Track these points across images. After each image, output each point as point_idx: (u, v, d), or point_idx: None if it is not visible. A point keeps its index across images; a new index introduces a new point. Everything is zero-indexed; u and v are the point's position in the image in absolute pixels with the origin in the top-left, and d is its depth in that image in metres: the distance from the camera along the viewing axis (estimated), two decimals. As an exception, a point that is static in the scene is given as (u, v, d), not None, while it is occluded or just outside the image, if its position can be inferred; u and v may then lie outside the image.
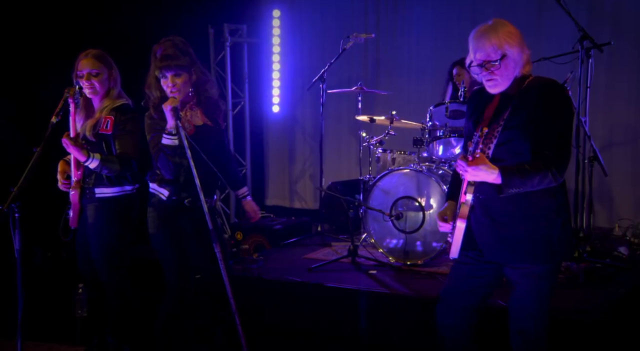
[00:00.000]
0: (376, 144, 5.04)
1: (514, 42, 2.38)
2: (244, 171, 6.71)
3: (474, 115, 2.55)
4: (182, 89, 3.07)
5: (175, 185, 3.14)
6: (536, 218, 2.42)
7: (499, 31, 2.37)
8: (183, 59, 3.04)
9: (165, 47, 3.05)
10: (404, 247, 4.51)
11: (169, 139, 3.02)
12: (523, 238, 2.42)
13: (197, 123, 3.19)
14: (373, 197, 4.69)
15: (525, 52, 2.42)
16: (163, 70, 3.03)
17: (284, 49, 6.58)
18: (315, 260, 4.71)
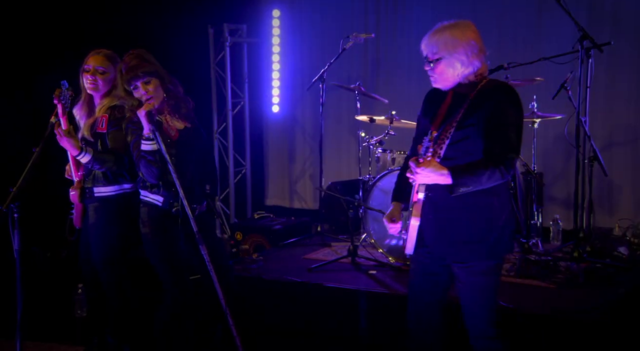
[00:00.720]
0: (376, 144, 5.03)
1: (458, 48, 2.51)
2: (243, 171, 6.71)
3: (430, 113, 2.65)
4: (155, 95, 3.09)
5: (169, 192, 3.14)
6: (479, 216, 2.51)
7: (445, 35, 2.54)
8: (148, 65, 3.07)
9: (129, 60, 3.08)
10: (403, 247, 4.48)
11: (147, 145, 3.03)
12: (466, 235, 2.52)
13: (179, 127, 3.20)
14: (373, 197, 4.69)
15: (478, 57, 2.52)
16: (132, 81, 3.06)
17: (284, 49, 6.57)
18: (315, 260, 4.70)
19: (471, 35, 2.54)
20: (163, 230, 3.19)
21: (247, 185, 6.68)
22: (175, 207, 3.16)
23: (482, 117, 2.43)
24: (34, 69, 5.08)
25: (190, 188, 3.14)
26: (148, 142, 3.02)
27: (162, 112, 3.17)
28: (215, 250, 3.21)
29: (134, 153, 3.11)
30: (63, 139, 3.16)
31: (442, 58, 2.53)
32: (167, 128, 3.15)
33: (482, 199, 2.47)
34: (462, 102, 2.50)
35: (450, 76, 2.54)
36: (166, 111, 3.18)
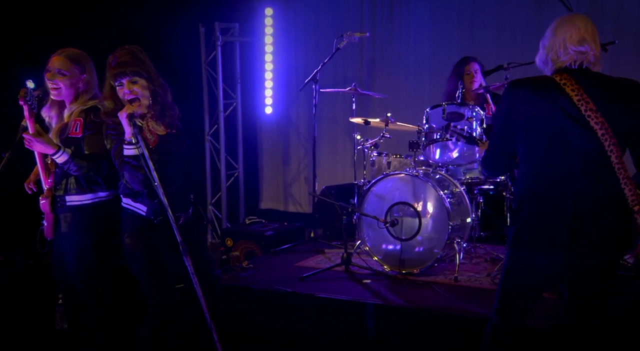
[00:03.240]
0: (371, 147, 4.85)
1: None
2: (236, 174, 6.53)
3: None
4: (142, 99, 2.91)
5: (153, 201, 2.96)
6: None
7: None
8: (138, 65, 2.88)
9: (120, 55, 2.90)
10: (399, 254, 4.32)
11: (130, 149, 2.84)
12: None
13: (161, 132, 3.01)
14: (367, 203, 4.51)
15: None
16: (118, 77, 2.88)
17: (277, 48, 6.39)
18: (307, 268, 4.52)
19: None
20: (146, 241, 3.01)
21: (239, 189, 6.51)
22: (159, 217, 2.98)
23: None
24: (11, 67, 4.89)
25: (174, 196, 2.96)
26: (130, 146, 2.83)
27: (145, 117, 2.99)
28: (200, 260, 3.04)
29: (117, 161, 2.93)
30: (33, 142, 2.98)
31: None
32: (146, 133, 2.97)
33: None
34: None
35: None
36: (149, 115, 3.00)
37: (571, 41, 2.43)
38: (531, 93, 2.45)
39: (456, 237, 4.28)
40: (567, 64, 2.45)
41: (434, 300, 3.80)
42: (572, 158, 2.39)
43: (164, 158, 2.96)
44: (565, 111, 2.38)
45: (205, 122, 6.33)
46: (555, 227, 2.39)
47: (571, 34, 2.43)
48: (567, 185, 2.38)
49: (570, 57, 2.43)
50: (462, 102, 4.31)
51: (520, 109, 2.44)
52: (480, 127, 4.37)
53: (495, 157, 2.62)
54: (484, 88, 4.64)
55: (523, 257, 2.51)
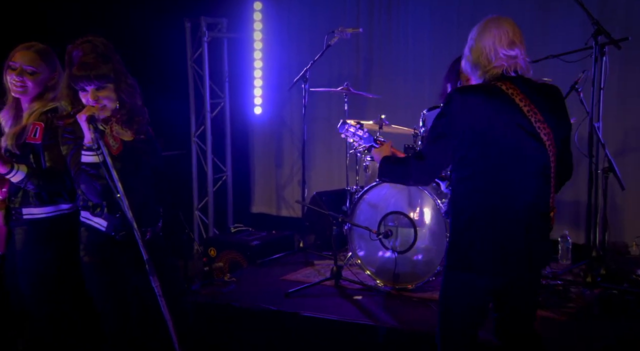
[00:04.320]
0: (364, 151, 4.51)
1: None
2: (224, 178, 6.19)
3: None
4: (107, 105, 2.58)
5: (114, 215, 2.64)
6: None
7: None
8: (106, 67, 2.53)
9: (84, 51, 2.53)
10: (393, 268, 3.99)
11: (88, 156, 2.51)
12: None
13: (127, 138, 2.67)
14: (359, 212, 4.18)
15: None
16: (81, 82, 2.53)
17: (268, 46, 6.06)
18: (294, 282, 4.20)
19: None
20: (107, 259, 2.69)
21: (228, 193, 6.17)
22: (121, 232, 2.65)
23: None
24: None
25: (140, 209, 2.64)
26: (89, 152, 2.51)
27: (109, 121, 2.66)
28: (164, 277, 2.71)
29: (73, 169, 2.59)
30: None
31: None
32: (109, 140, 2.63)
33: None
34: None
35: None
36: (114, 120, 2.66)
37: (501, 44, 2.29)
38: (484, 104, 2.25)
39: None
40: (503, 70, 2.28)
41: (430, 321, 3.47)
42: (527, 172, 2.27)
43: (130, 167, 2.65)
44: (520, 124, 2.24)
45: (192, 123, 6.00)
46: (512, 246, 2.28)
47: (500, 37, 2.29)
48: (521, 201, 2.27)
49: (501, 61, 2.28)
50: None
51: (473, 120, 2.24)
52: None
53: (427, 167, 2.37)
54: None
55: (471, 279, 2.32)
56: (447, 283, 2.41)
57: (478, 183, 2.27)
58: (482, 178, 2.27)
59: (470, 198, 2.30)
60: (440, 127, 2.30)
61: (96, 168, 2.51)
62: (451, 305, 2.40)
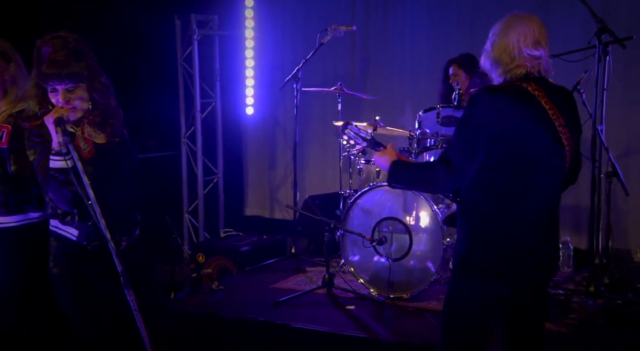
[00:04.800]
0: (358, 154, 4.35)
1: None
2: (215, 180, 6.02)
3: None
4: (79, 106, 2.41)
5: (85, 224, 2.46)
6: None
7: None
8: (78, 66, 2.35)
9: (55, 48, 2.34)
10: (387, 276, 3.82)
11: (57, 161, 2.33)
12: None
13: (100, 141, 2.50)
14: (352, 217, 4.01)
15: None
16: (51, 80, 2.35)
17: (260, 44, 5.88)
18: (284, 290, 4.03)
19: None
20: (77, 271, 2.52)
21: (219, 196, 6.00)
22: (94, 242, 2.48)
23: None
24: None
25: (114, 217, 2.47)
26: (58, 157, 2.33)
27: (80, 123, 2.49)
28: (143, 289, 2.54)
29: (40, 174, 2.41)
30: None
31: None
32: (79, 142, 2.46)
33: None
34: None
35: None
36: (86, 122, 2.49)
37: (526, 44, 2.15)
38: (514, 106, 2.10)
39: (451, 258, 3.77)
40: (527, 71, 2.15)
41: (427, 333, 3.32)
42: (548, 179, 2.17)
43: (103, 171, 2.48)
44: (547, 128, 2.12)
45: (182, 123, 5.82)
46: (532, 254, 2.16)
47: (525, 36, 2.16)
48: (541, 209, 2.16)
49: (524, 61, 2.15)
50: (458, 104, 3.81)
51: (502, 122, 2.08)
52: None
53: (454, 173, 2.16)
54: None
55: (491, 289, 2.16)
56: (460, 293, 2.22)
57: (500, 189, 2.13)
58: (504, 183, 2.13)
59: (491, 204, 2.15)
60: (467, 129, 2.14)
61: (65, 174, 2.33)
62: (464, 318, 2.22)
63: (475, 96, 2.12)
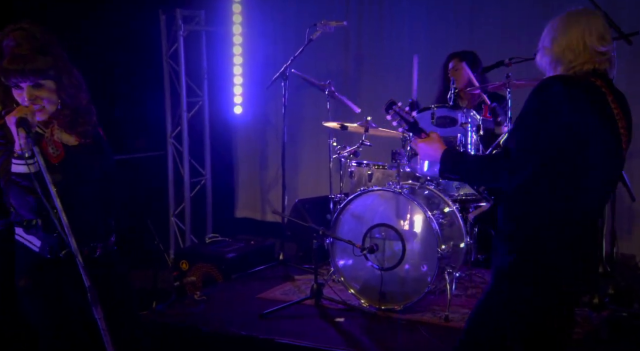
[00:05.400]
0: (349, 156, 4.13)
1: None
2: (203, 182, 5.80)
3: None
4: (47, 105, 2.22)
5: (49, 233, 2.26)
6: None
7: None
8: (44, 61, 2.15)
9: (17, 41, 2.14)
10: (379, 286, 3.61)
11: (20, 165, 2.12)
12: None
13: (70, 143, 2.31)
14: (342, 224, 3.80)
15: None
16: (13, 77, 2.15)
17: (249, 40, 5.66)
18: (271, 300, 3.82)
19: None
20: (42, 282, 2.32)
21: (207, 198, 5.78)
22: (61, 252, 2.28)
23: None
24: None
25: (87, 224, 2.31)
26: (20, 161, 2.12)
27: (49, 125, 2.29)
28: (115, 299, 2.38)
29: (2, 179, 2.22)
30: None
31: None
32: (48, 146, 2.26)
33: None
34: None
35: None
36: (56, 123, 2.30)
37: (591, 40, 2.04)
38: (586, 101, 1.99)
39: (447, 266, 3.57)
40: (594, 67, 2.03)
41: (420, 349, 3.12)
42: (606, 181, 2.10)
43: (73, 176, 2.29)
44: (612, 130, 2.02)
45: (167, 123, 5.59)
46: (591, 262, 2.16)
47: (590, 31, 2.05)
48: (597, 214, 2.14)
49: (591, 57, 2.03)
50: (454, 104, 3.59)
51: (574, 117, 1.96)
52: (477, 134, 3.66)
53: (517, 168, 2.01)
54: (481, 88, 3.93)
55: (562, 298, 2.09)
56: (525, 305, 2.08)
57: (556, 188, 2.01)
58: (561, 182, 2.00)
59: (544, 207, 2.03)
60: (535, 118, 1.99)
61: (28, 179, 2.11)
62: (541, 333, 2.09)
63: (546, 84, 2.00)
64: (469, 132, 3.61)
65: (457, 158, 2.18)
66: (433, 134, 2.24)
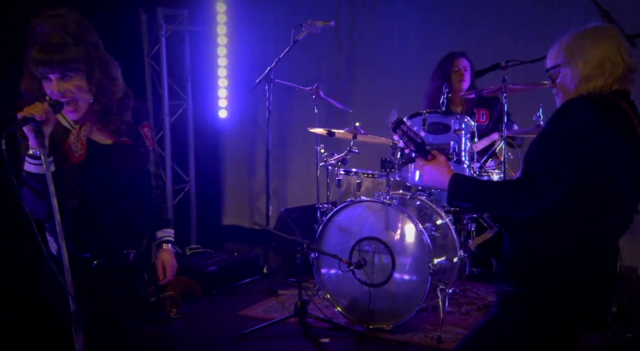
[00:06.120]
0: (337, 164, 3.90)
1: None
2: (186, 189, 5.56)
3: None
4: (79, 100, 2.04)
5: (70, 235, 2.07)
6: None
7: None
8: (75, 51, 1.98)
9: (50, 29, 1.97)
10: (367, 304, 3.39)
11: (33, 165, 1.99)
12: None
13: (104, 141, 2.13)
14: (328, 236, 3.58)
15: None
16: (42, 69, 1.97)
17: (235, 40, 5.43)
18: (252, 318, 3.60)
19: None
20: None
21: (190, 205, 5.54)
22: (94, 260, 2.13)
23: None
24: None
25: (115, 230, 2.14)
26: (33, 160, 1.99)
27: (84, 122, 2.09)
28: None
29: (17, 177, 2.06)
30: None
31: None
32: (71, 142, 2.07)
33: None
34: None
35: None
36: (87, 119, 2.10)
37: (621, 56, 1.87)
38: (615, 125, 1.82)
39: (440, 282, 3.35)
40: (621, 87, 1.87)
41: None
42: (630, 215, 1.93)
43: (98, 178, 2.10)
44: (637, 158, 1.87)
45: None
46: (606, 302, 1.96)
47: (618, 47, 1.88)
48: (616, 246, 1.96)
49: (623, 75, 1.86)
50: (447, 110, 3.37)
51: (605, 143, 1.80)
52: (471, 141, 3.44)
53: (540, 196, 1.82)
54: (476, 92, 3.71)
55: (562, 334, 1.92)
56: (529, 338, 1.91)
57: (586, 220, 1.85)
58: (590, 214, 1.85)
59: (572, 237, 1.85)
60: (561, 144, 1.81)
61: (37, 180, 1.99)
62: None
63: (574, 105, 1.83)
64: (462, 139, 3.38)
65: (469, 185, 1.95)
66: (440, 157, 2.03)
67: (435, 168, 2.00)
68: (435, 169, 1.99)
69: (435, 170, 1.99)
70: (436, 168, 1.99)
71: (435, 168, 2.00)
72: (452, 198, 1.94)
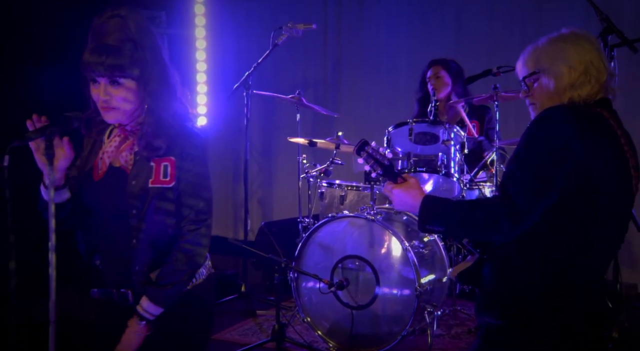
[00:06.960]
0: (319, 175, 3.68)
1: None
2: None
3: None
4: (121, 107, 1.76)
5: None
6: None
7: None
8: (129, 56, 1.71)
9: (108, 29, 1.73)
10: (350, 328, 3.15)
11: (45, 192, 1.80)
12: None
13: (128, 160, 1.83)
14: (309, 254, 3.34)
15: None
16: (91, 72, 1.73)
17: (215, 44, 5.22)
18: (227, 343, 3.35)
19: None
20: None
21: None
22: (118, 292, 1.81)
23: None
24: None
25: (118, 263, 1.82)
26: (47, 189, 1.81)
27: (127, 136, 1.83)
28: None
29: None
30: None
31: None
32: (99, 158, 1.84)
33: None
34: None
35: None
36: (119, 129, 1.84)
37: (602, 61, 1.75)
38: (596, 136, 1.67)
39: (428, 304, 3.12)
40: (609, 95, 1.75)
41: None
42: (621, 231, 1.77)
43: (113, 199, 1.81)
44: (624, 170, 1.72)
45: (126, 135, 5.12)
46: (601, 323, 1.77)
47: (599, 53, 1.77)
48: (605, 269, 1.79)
49: (607, 83, 1.74)
50: (435, 119, 3.14)
51: (588, 154, 1.65)
52: (461, 153, 3.21)
53: (520, 215, 1.64)
54: (466, 99, 3.49)
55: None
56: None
57: (572, 242, 1.67)
58: (576, 235, 1.67)
59: (558, 262, 1.67)
60: (541, 155, 1.65)
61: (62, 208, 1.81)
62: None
63: (553, 113, 1.68)
64: (451, 150, 3.16)
65: (441, 207, 1.73)
66: (411, 179, 1.82)
67: (406, 191, 1.79)
68: (406, 193, 1.79)
69: (405, 194, 1.79)
70: (406, 192, 1.79)
71: (405, 191, 1.79)
72: (423, 223, 1.74)
